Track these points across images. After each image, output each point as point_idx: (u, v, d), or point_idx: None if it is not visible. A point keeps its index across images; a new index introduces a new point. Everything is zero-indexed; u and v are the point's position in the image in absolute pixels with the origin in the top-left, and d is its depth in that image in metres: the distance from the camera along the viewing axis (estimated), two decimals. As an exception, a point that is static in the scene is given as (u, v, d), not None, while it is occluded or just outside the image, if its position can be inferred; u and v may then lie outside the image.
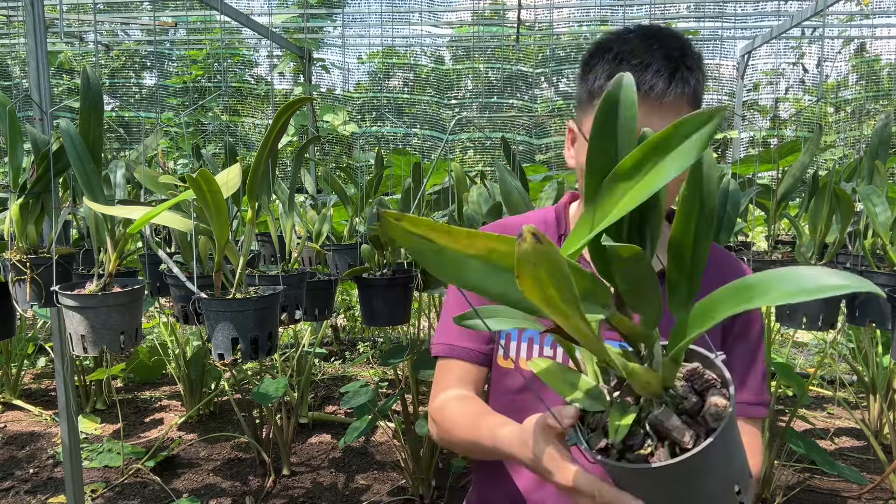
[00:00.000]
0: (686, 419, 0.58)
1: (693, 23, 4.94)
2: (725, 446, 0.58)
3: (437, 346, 1.15)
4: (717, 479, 0.59)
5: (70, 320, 1.49)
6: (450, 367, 1.12)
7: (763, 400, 1.05)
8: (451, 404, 1.07)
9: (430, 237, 0.46)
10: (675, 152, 0.48)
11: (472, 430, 0.97)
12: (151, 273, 2.16)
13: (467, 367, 1.11)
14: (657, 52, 0.92)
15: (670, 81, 0.91)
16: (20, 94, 4.37)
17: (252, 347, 1.47)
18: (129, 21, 5.45)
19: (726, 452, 0.59)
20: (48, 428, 3.25)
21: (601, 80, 0.95)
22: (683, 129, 0.48)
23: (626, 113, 0.57)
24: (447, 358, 1.13)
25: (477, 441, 0.95)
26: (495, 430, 0.89)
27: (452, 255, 0.47)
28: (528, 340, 1.08)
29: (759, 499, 2.44)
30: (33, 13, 1.75)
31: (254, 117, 6.69)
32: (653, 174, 0.49)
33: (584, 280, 0.52)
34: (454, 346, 1.12)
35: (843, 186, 1.98)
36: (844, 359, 3.67)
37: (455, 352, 1.11)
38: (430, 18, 5.17)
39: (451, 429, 1.04)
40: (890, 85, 5.89)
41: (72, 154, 1.49)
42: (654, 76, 0.90)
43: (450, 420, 1.05)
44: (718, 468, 0.59)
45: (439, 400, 1.10)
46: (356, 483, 2.74)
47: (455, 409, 1.05)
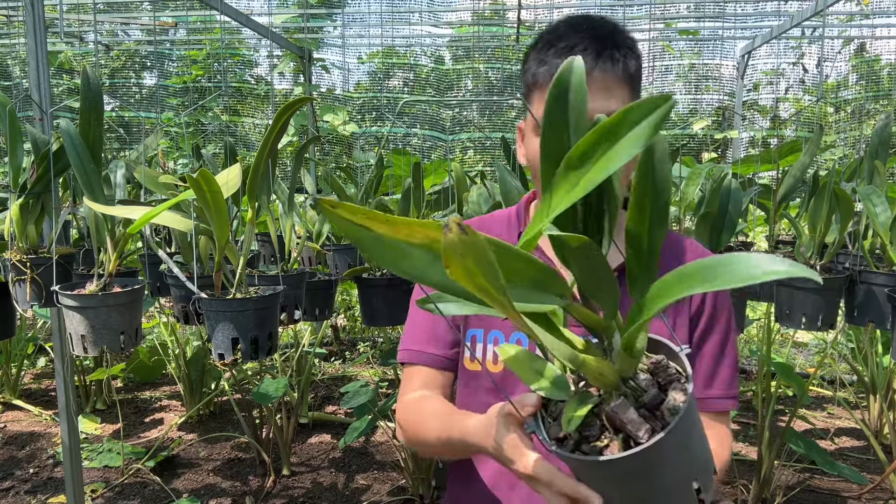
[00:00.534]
0: (645, 413, 0.57)
1: (693, 23, 4.94)
2: (681, 442, 0.56)
3: (402, 352, 1.13)
4: (674, 475, 0.58)
5: (70, 320, 1.49)
6: (415, 374, 1.11)
7: (732, 393, 1.05)
8: (416, 405, 1.06)
9: (369, 226, 0.46)
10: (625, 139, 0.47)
11: (440, 427, 0.96)
12: (151, 273, 2.16)
13: (433, 372, 1.10)
14: (585, 33, 0.92)
15: (597, 59, 0.90)
16: (20, 94, 4.37)
17: (252, 347, 1.47)
18: (129, 21, 5.45)
19: (683, 448, 0.58)
20: (48, 428, 3.25)
21: (533, 68, 0.95)
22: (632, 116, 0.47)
23: (576, 97, 0.56)
24: (412, 364, 1.12)
25: (447, 437, 0.93)
26: (463, 422, 0.88)
27: (392, 244, 0.46)
28: (493, 341, 1.07)
29: (759, 499, 2.44)
30: (33, 13, 1.75)
31: (254, 117, 6.69)
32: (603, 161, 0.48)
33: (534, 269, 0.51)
34: (418, 351, 1.11)
35: (843, 186, 1.98)
36: (844, 359, 3.67)
37: (420, 357, 1.10)
38: (430, 18, 5.16)
39: (419, 429, 1.03)
40: (890, 85, 5.89)
41: (72, 154, 1.49)
42: (581, 55, 0.91)
43: (417, 420, 1.03)
44: (674, 464, 0.58)
45: (403, 402, 1.09)
46: (356, 483, 2.74)
47: (423, 407, 1.04)
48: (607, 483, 0.61)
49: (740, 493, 2.58)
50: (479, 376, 1.08)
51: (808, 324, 1.88)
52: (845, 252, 2.14)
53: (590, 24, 0.94)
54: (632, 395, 0.59)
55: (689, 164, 3.29)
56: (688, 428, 0.56)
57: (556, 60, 0.91)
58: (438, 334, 1.10)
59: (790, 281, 1.90)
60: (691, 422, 0.57)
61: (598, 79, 0.90)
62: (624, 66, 0.92)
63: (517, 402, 0.69)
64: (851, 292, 1.90)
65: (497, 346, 0.86)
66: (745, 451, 3.00)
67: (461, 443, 0.88)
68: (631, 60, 0.93)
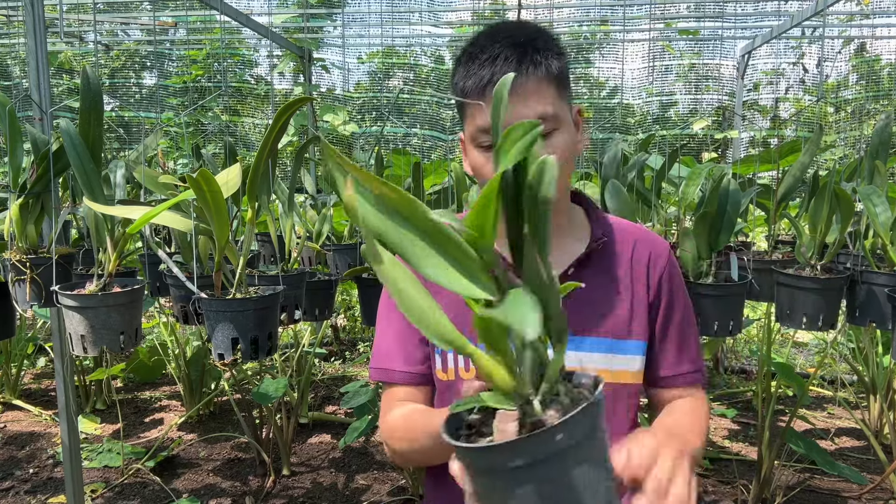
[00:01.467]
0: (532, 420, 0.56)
1: (693, 23, 4.94)
2: (549, 469, 0.53)
3: (374, 370, 1.11)
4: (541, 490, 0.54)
5: (70, 320, 1.49)
6: (392, 394, 1.08)
7: (701, 367, 1.10)
8: (397, 421, 1.03)
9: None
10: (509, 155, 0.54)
11: (425, 432, 0.94)
12: (151, 273, 2.16)
13: (409, 390, 1.08)
14: (504, 42, 0.94)
15: (520, 65, 0.92)
16: (20, 94, 4.37)
17: (252, 347, 1.47)
18: (129, 21, 5.45)
19: (550, 473, 0.53)
20: (48, 428, 3.24)
21: (461, 83, 0.97)
22: (512, 136, 0.53)
23: (503, 112, 0.61)
24: (388, 385, 1.09)
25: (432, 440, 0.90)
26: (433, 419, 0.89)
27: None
28: None
29: (759, 499, 2.44)
30: (33, 13, 1.75)
31: (254, 117, 6.69)
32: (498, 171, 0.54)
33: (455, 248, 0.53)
34: (388, 370, 1.08)
35: (844, 186, 1.98)
36: (844, 359, 3.67)
37: (392, 376, 1.08)
38: (430, 18, 5.16)
39: (406, 443, 1.00)
40: (890, 85, 5.89)
41: (72, 154, 1.49)
42: (504, 65, 0.92)
43: (401, 434, 1.01)
44: (535, 484, 0.53)
45: (385, 422, 1.06)
46: (356, 483, 2.74)
47: (404, 420, 1.02)
48: (470, 474, 0.59)
49: (740, 493, 2.58)
50: (452, 387, 1.06)
51: (808, 324, 1.88)
52: (846, 252, 2.14)
53: (508, 32, 0.96)
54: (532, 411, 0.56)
55: (689, 164, 3.29)
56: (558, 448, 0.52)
57: (482, 72, 0.93)
58: (408, 350, 1.08)
59: (791, 280, 1.90)
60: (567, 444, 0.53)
61: (522, 84, 0.92)
62: (546, 68, 0.94)
63: (465, 386, 0.68)
64: (852, 292, 1.90)
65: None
66: (745, 451, 3.00)
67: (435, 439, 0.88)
68: (553, 61, 0.95)
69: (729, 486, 2.67)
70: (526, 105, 0.91)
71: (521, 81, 0.91)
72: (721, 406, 3.52)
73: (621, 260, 1.08)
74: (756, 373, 3.84)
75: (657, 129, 5.73)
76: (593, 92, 7.43)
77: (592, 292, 1.04)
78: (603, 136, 5.59)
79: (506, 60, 0.92)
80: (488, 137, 0.94)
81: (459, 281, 0.53)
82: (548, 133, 0.94)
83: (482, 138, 0.96)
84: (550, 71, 0.94)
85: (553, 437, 0.51)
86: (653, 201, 2.19)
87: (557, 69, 0.95)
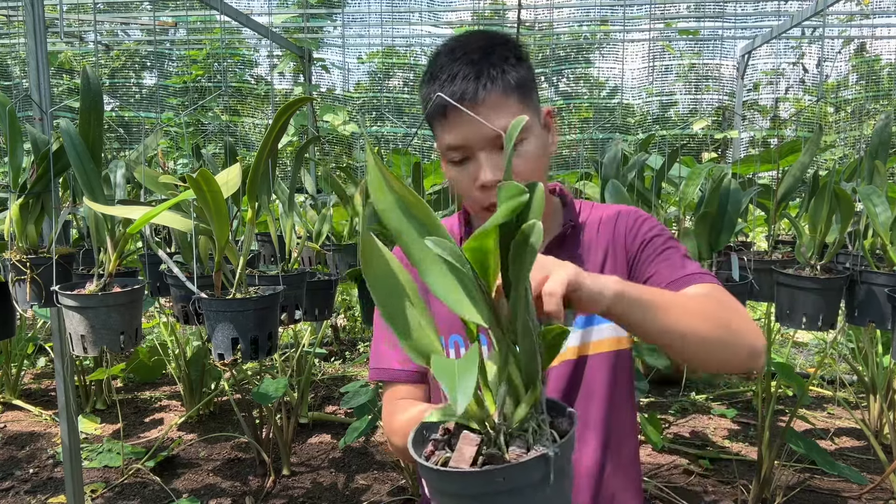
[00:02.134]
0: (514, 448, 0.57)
1: (693, 23, 4.94)
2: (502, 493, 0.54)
3: (373, 370, 1.13)
4: None
5: (70, 320, 1.49)
6: (393, 392, 1.10)
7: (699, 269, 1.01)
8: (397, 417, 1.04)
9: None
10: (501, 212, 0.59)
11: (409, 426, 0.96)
12: (151, 273, 2.16)
13: (409, 388, 1.09)
14: (461, 60, 0.96)
15: (477, 82, 0.94)
16: (20, 94, 4.37)
17: (252, 347, 1.47)
18: (129, 21, 5.45)
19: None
20: (48, 428, 3.25)
21: (424, 101, 1.00)
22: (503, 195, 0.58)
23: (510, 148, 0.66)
24: (388, 383, 1.11)
25: None
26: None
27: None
28: (454, 346, 1.07)
29: (759, 499, 2.44)
30: (33, 13, 1.75)
31: (254, 117, 6.69)
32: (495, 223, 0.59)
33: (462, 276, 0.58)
34: (387, 369, 1.10)
35: (843, 186, 1.98)
36: (844, 359, 3.67)
37: (390, 375, 1.10)
38: (430, 18, 5.16)
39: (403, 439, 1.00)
40: (890, 85, 5.89)
41: (72, 154, 1.49)
42: (464, 82, 0.94)
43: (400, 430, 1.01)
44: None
45: (386, 420, 1.07)
46: (356, 483, 2.74)
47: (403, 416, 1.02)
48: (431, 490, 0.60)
49: (740, 493, 2.58)
50: None
51: (808, 324, 1.88)
52: (846, 252, 2.14)
53: (464, 49, 0.97)
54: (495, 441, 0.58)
55: (689, 164, 3.29)
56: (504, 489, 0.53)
57: (443, 91, 0.95)
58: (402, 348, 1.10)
59: (791, 280, 1.90)
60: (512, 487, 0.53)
61: (484, 100, 0.94)
62: (504, 81, 0.95)
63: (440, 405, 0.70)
64: (852, 292, 1.90)
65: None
66: (745, 451, 3.00)
67: None
68: (512, 72, 0.97)
69: (729, 486, 2.67)
70: (488, 119, 0.93)
71: (482, 97, 0.94)
72: (721, 406, 3.52)
73: (594, 236, 1.11)
74: (756, 373, 3.84)
75: (657, 129, 5.73)
76: (593, 92, 7.43)
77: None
78: (603, 136, 5.59)
79: (464, 78, 0.94)
80: (457, 154, 0.98)
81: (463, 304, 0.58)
82: (516, 143, 0.96)
83: (451, 155, 0.99)
84: (509, 82, 0.96)
85: (495, 477, 0.52)
86: (653, 201, 2.20)
87: (517, 79, 0.97)
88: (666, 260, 1.03)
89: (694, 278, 0.98)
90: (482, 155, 0.95)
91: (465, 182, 0.99)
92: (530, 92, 1.00)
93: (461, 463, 0.55)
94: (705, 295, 0.93)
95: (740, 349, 0.87)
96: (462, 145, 0.96)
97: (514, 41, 1.02)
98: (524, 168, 0.97)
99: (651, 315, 0.79)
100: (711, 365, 0.89)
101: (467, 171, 0.98)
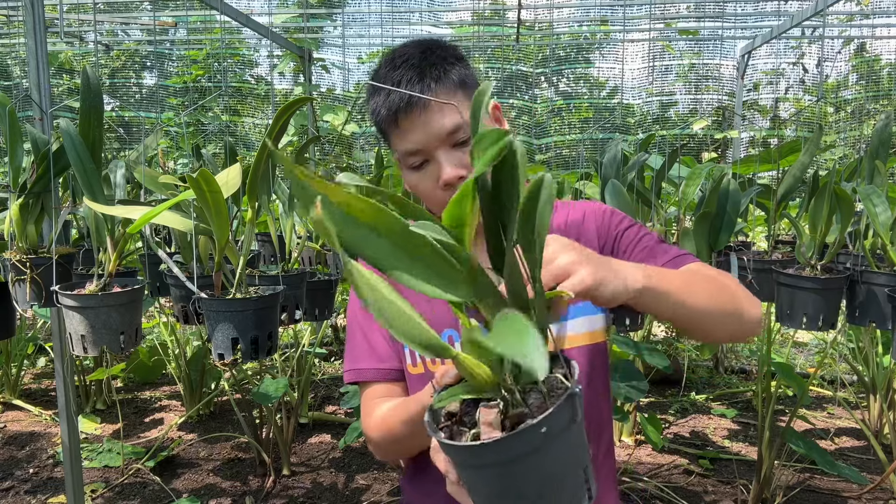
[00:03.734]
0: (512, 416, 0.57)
1: (693, 23, 4.94)
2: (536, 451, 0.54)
3: (347, 373, 1.12)
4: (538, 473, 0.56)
5: (70, 320, 1.49)
6: (370, 393, 1.09)
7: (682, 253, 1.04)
8: (375, 415, 1.04)
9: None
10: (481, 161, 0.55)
11: (401, 421, 0.96)
12: (151, 273, 2.16)
13: (386, 386, 1.09)
14: (403, 67, 0.98)
15: (422, 83, 0.96)
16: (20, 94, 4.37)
17: (252, 347, 1.47)
18: (129, 21, 5.45)
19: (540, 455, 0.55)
20: (48, 428, 3.24)
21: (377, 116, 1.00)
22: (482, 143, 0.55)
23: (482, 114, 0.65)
24: (365, 384, 1.10)
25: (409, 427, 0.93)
26: (422, 398, 0.89)
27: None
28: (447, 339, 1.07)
29: (759, 499, 2.44)
30: (33, 13, 1.75)
31: (254, 117, 6.69)
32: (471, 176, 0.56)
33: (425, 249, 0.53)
34: (361, 370, 1.10)
35: (844, 186, 1.98)
36: (844, 359, 3.67)
37: (365, 375, 1.09)
38: (430, 18, 5.17)
39: (382, 434, 1.02)
40: (890, 85, 5.89)
41: (72, 154, 1.49)
42: (408, 85, 0.96)
43: (387, 425, 1.01)
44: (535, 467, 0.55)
45: (365, 419, 1.07)
46: (356, 483, 2.74)
47: (381, 413, 1.03)
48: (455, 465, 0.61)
49: (740, 493, 2.58)
50: (424, 378, 1.07)
51: (808, 324, 1.88)
52: (846, 252, 2.14)
53: (403, 56, 0.99)
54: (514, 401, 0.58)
55: (689, 164, 3.29)
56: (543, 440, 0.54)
57: (389, 99, 0.97)
58: (375, 348, 1.10)
59: (791, 280, 1.90)
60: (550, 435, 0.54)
61: (431, 101, 0.95)
62: (448, 79, 0.98)
63: (439, 371, 0.69)
64: (852, 292, 1.90)
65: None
66: (745, 451, 3.00)
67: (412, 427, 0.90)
68: (453, 70, 0.99)
69: (729, 486, 2.67)
70: (441, 119, 0.95)
71: (427, 100, 0.95)
72: (721, 406, 3.52)
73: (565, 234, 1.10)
74: (756, 373, 3.85)
75: (657, 129, 5.73)
76: (593, 92, 7.43)
77: None
78: (603, 136, 5.59)
79: (408, 82, 0.96)
80: (416, 158, 0.98)
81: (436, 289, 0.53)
82: (468, 140, 0.97)
83: (410, 161, 0.99)
84: (453, 80, 0.98)
85: (538, 430, 0.53)
86: (653, 201, 2.20)
87: (459, 76, 0.99)
88: (646, 246, 1.06)
89: (686, 258, 1.03)
90: (440, 153, 0.96)
91: (428, 184, 1.00)
92: (473, 89, 1.01)
93: (492, 433, 0.56)
94: (706, 273, 0.98)
95: (748, 319, 0.93)
96: (419, 149, 0.97)
97: (450, 44, 1.04)
98: None
99: (675, 300, 0.82)
100: (722, 336, 0.97)
101: (428, 173, 0.99)
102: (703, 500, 2.57)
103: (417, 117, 0.95)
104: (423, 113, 0.95)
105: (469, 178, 0.53)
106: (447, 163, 0.96)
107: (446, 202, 0.98)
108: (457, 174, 0.96)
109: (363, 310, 1.11)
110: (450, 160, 0.96)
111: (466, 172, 0.97)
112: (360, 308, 1.12)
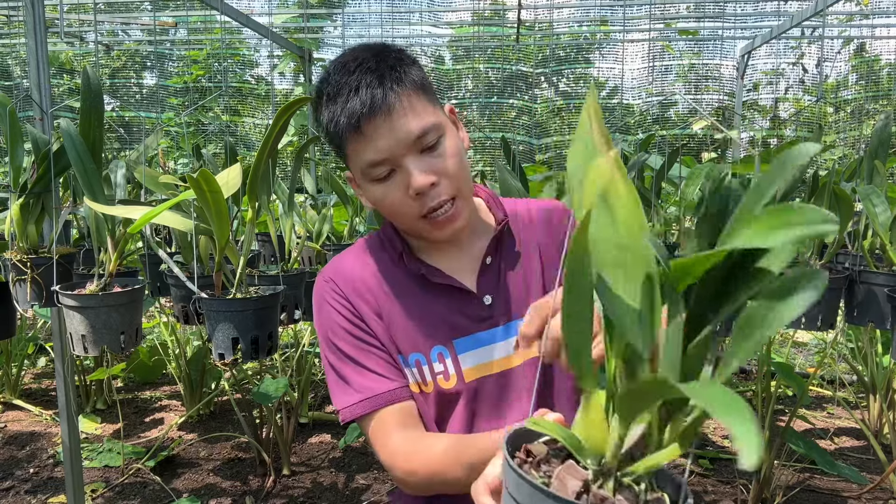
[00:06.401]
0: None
1: (693, 23, 4.95)
2: None
3: (350, 408, 0.99)
4: None
5: (70, 320, 1.49)
6: (384, 419, 0.98)
7: None
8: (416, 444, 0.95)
9: None
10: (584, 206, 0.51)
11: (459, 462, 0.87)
12: (151, 273, 2.16)
13: (402, 406, 0.99)
14: (359, 71, 0.92)
15: (383, 87, 0.90)
16: (20, 94, 4.37)
17: (252, 347, 1.47)
18: (129, 21, 5.45)
19: None
20: (48, 428, 3.25)
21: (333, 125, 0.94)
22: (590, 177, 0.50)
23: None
24: (368, 416, 0.99)
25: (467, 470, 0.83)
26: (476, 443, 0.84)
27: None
28: (438, 357, 1.02)
29: (758, 499, 2.44)
30: (33, 13, 1.75)
31: (254, 117, 6.69)
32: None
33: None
34: (375, 396, 0.98)
35: (843, 186, 1.99)
36: (844, 359, 3.67)
37: (379, 401, 0.98)
38: (430, 18, 5.17)
39: (426, 467, 0.92)
40: (890, 85, 5.89)
41: (72, 154, 1.49)
42: (369, 90, 0.90)
43: (430, 458, 0.92)
44: None
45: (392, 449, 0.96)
46: (356, 483, 2.74)
47: (431, 443, 0.94)
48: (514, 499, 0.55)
49: (740, 493, 2.58)
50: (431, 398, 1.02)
51: (807, 324, 1.88)
52: (845, 252, 2.14)
53: (356, 61, 0.93)
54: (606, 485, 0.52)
55: (689, 164, 3.29)
56: None
57: (351, 105, 0.91)
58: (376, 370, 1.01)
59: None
60: None
61: (395, 104, 0.90)
62: (409, 80, 0.93)
63: (538, 413, 0.66)
64: (851, 292, 1.90)
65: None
66: (744, 450, 3.00)
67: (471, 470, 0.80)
68: (411, 72, 0.94)
69: (729, 486, 2.67)
70: (408, 122, 0.90)
71: (392, 100, 0.90)
72: (721, 406, 3.52)
73: (525, 235, 1.10)
74: (756, 372, 3.85)
75: (657, 129, 5.73)
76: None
77: (513, 273, 1.06)
78: (603, 136, 5.58)
79: (368, 86, 0.90)
80: (382, 169, 0.92)
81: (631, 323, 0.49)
82: (436, 142, 0.93)
83: (375, 172, 0.93)
84: (414, 81, 0.93)
85: None
86: (653, 201, 2.20)
87: (419, 77, 0.95)
88: None
89: None
90: (408, 160, 0.91)
91: (397, 195, 0.93)
92: (431, 90, 0.97)
93: (566, 495, 0.50)
94: None
95: None
96: (385, 158, 0.91)
97: (400, 47, 0.99)
98: (452, 165, 0.94)
99: None
100: None
101: (395, 183, 0.93)
102: (702, 500, 2.57)
103: (382, 122, 0.89)
104: (387, 117, 0.89)
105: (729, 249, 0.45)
106: (417, 169, 0.91)
107: (418, 212, 0.94)
108: (428, 181, 0.91)
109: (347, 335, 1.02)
110: (419, 166, 0.91)
111: (437, 178, 0.92)
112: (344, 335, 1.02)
